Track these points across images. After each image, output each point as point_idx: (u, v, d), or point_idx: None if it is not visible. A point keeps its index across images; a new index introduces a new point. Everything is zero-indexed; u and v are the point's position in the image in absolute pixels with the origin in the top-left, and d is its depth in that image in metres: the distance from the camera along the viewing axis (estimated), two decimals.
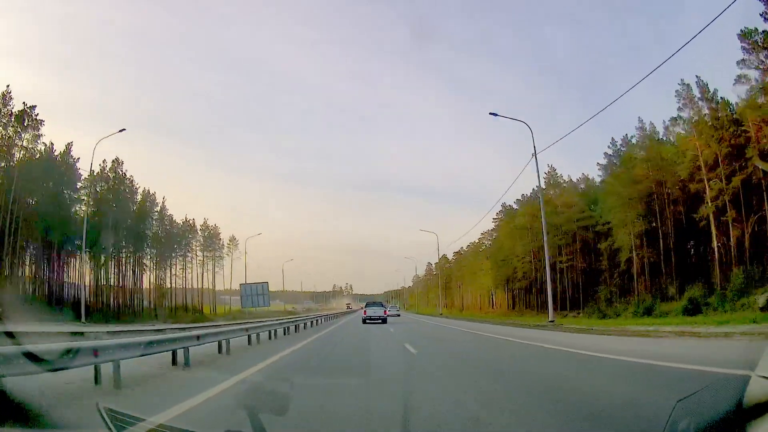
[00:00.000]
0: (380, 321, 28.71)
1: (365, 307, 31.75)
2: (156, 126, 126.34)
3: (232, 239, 64.39)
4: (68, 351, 4.89)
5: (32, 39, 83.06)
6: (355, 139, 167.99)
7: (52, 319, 27.74)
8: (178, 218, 56.44)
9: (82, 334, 13.99)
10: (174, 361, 7.66)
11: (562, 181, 47.22)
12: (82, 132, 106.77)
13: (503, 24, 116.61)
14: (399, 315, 47.12)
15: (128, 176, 48.37)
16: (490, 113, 26.17)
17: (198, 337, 8.63)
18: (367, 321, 28.86)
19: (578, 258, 42.20)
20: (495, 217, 56.43)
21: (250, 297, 50.58)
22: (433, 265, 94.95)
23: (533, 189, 44.35)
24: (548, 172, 46.49)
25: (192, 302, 56.32)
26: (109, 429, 1.75)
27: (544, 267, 26.10)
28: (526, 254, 47.31)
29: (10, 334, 6.41)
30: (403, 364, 8.49)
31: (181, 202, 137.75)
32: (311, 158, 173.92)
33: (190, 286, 57.79)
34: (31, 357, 4.18)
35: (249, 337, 12.49)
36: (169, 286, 54.34)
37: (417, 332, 19.93)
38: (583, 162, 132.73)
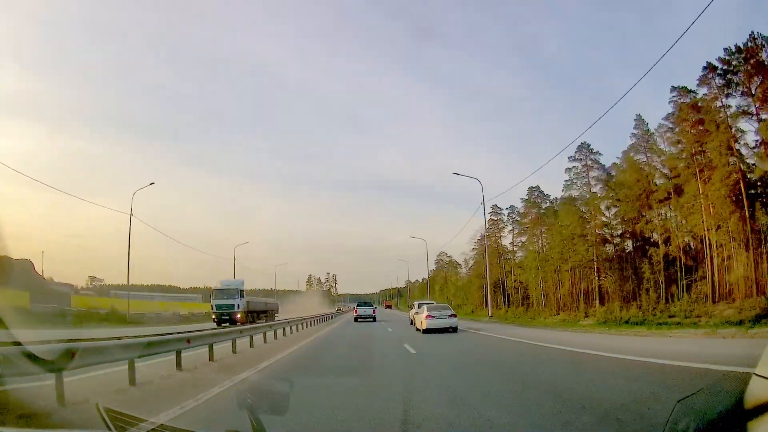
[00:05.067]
0: (371, 319, 32.61)
1: (356, 306, 36.93)
2: (137, 127, 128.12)
3: None
4: None
5: (10, 38, 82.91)
6: (346, 138, 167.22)
7: None
8: None
9: None
10: None
11: None
12: (66, 133, 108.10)
13: (495, 20, 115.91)
14: (454, 328, 18.38)
15: None
16: None
17: None
18: (359, 319, 32.65)
19: None
20: None
21: None
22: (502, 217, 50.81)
23: None
24: None
25: None
26: (109, 429, 1.76)
27: None
28: None
29: None
30: None
31: (172, 203, 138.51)
32: (301, 158, 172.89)
33: None
34: None
35: None
36: None
37: None
38: None
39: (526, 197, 46.98)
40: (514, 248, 51.29)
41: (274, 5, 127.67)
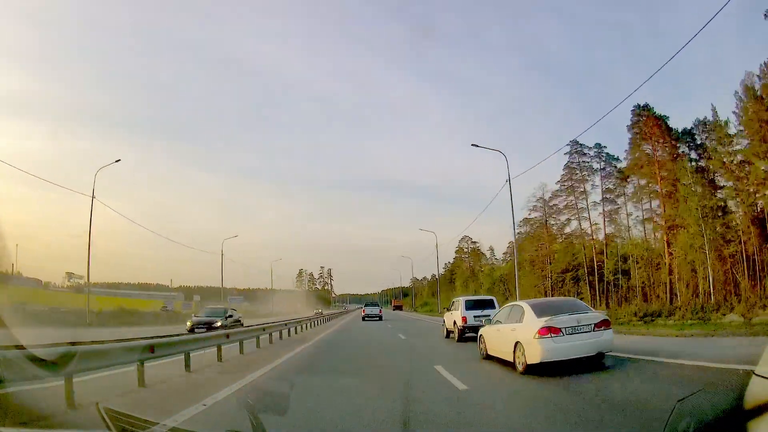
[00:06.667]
0: (377, 318, 34.18)
1: (364, 306, 39.08)
2: (137, 126, 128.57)
3: None
4: None
5: (10, 38, 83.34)
6: (346, 138, 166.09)
7: None
8: None
9: None
10: None
11: None
12: (67, 133, 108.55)
13: (496, 19, 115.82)
14: (602, 355, 7.08)
15: None
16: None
17: None
18: (366, 318, 34.27)
19: None
20: None
21: None
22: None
23: None
24: None
25: None
26: (109, 429, 1.77)
27: None
28: None
29: None
30: None
31: (171, 203, 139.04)
32: (301, 158, 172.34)
33: None
34: None
35: None
36: None
37: None
38: None
39: (632, 120, 31.25)
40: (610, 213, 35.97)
41: (275, 5, 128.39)
